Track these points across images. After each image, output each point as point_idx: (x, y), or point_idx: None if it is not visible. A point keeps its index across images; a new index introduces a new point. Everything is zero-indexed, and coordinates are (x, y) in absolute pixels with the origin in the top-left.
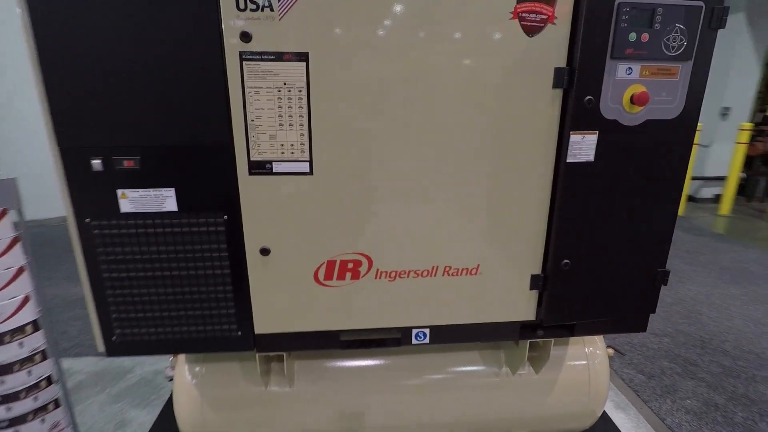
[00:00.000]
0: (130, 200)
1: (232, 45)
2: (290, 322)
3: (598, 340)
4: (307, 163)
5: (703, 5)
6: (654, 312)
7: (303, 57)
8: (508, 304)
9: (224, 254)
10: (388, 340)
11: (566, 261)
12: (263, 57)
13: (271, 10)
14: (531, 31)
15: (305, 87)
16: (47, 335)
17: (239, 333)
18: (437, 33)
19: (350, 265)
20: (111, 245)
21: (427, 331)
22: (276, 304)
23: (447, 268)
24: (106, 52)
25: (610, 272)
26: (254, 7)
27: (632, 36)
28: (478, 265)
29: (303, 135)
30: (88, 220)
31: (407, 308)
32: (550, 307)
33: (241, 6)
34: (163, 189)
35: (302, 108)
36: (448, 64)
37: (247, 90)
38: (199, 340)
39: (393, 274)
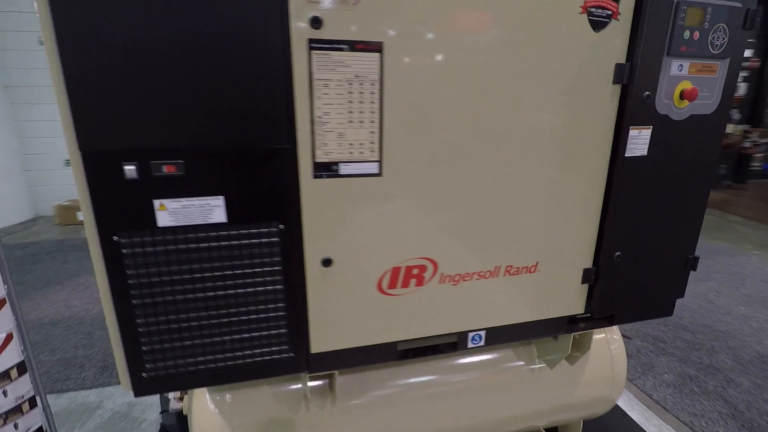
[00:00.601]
0: (170, 212)
1: (300, 32)
2: (349, 338)
3: (615, 327)
4: (377, 164)
5: (742, 6)
6: (683, 297)
7: (377, 47)
8: (561, 299)
9: (277, 268)
10: (442, 346)
11: (618, 253)
12: (335, 46)
13: None
14: (597, 26)
15: (378, 80)
16: (34, 379)
17: (291, 354)
18: (511, 24)
19: (415, 271)
20: (144, 266)
21: (483, 333)
22: (335, 319)
23: (508, 268)
24: (143, 34)
25: (652, 261)
26: None
27: (686, 34)
28: (537, 263)
29: (374, 133)
30: (116, 237)
31: (467, 312)
32: (602, 299)
33: None
34: (210, 197)
35: (374, 103)
36: (519, 56)
37: (315, 83)
38: (244, 366)
39: (457, 278)
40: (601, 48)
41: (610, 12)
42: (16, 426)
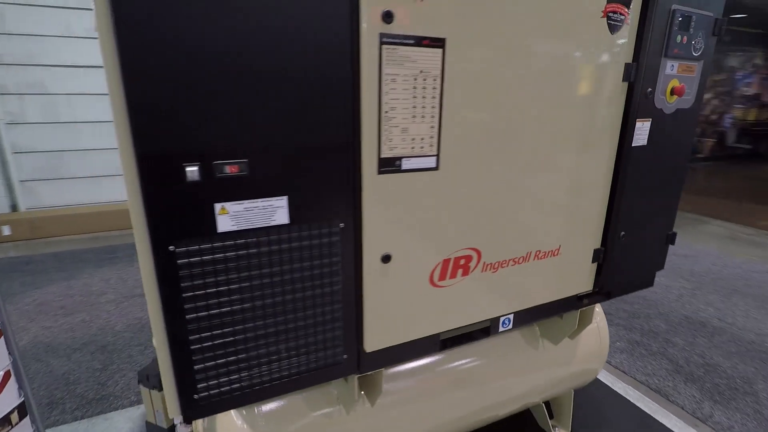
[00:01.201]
0: (231, 215)
1: (372, 25)
2: (400, 334)
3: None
4: (435, 158)
5: (715, 15)
6: (663, 269)
7: (441, 44)
8: (575, 279)
9: (336, 268)
10: (475, 333)
11: (623, 233)
12: (404, 41)
13: None
14: (613, 29)
15: (440, 76)
16: (35, 422)
17: (345, 356)
18: (550, 28)
19: (462, 261)
20: (201, 276)
21: (511, 317)
22: (388, 315)
23: (537, 253)
24: (209, 32)
25: (645, 238)
26: None
27: (678, 38)
28: (560, 246)
29: (433, 127)
30: (172, 248)
31: (500, 298)
32: (609, 276)
33: None
34: (274, 198)
35: (435, 98)
36: (555, 57)
37: (384, 78)
38: (298, 375)
39: (496, 265)
40: (616, 49)
41: (623, 17)
42: None
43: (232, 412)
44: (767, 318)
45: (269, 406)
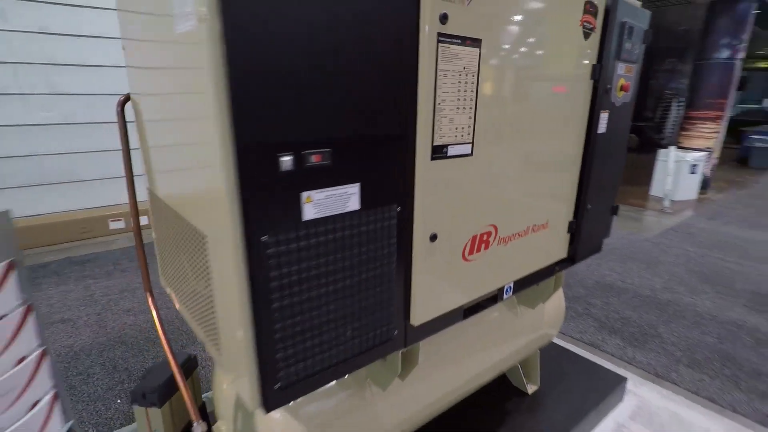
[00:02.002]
0: (315, 204)
1: (431, 26)
2: (439, 307)
3: None
4: (470, 145)
5: (645, 27)
6: (609, 236)
7: (478, 43)
8: (556, 248)
9: (392, 249)
10: (485, 302)
11: (590, 206)
12: (454, 40)
13: None
14: (586, 36)
15: (476, 72)
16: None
17: (395, 332)
18: (550, 38)
19: (485, 237)
20: (287, 265)
21: (512, 284)
22: (431, 290)
23: (533, 227)
24: (301, 30)
25: (601, 209)
26: None
27: (627, 45)
28: (547, 221)
29: (471, 118)
30: (265, 237)
31: (507, 267)
32: (579, 244)
33: None
34: (349, 185)
35: (472, 92)
36: (553, 59)
37: (438, 73)
38: (360, 354)
39: (507, 239)
40: (587, 53)
41: (592, 26)
42: None
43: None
44: (655, 276)
45: (310, 397)
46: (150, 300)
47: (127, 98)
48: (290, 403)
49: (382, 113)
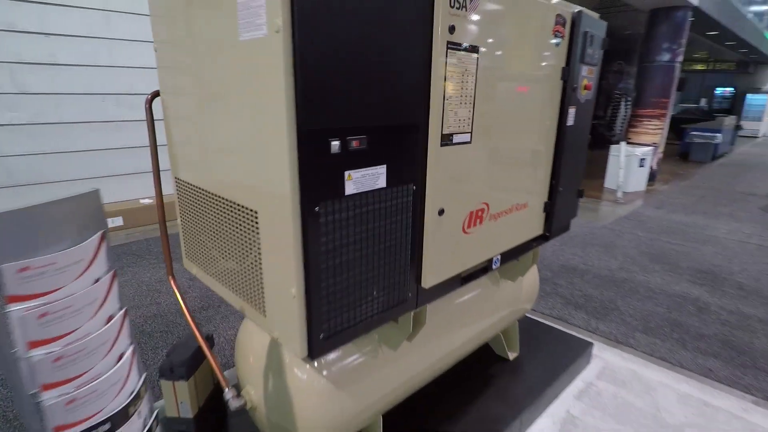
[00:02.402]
0: (354, 181)
1: (442, 35)
2: (444, 272)
3: None
4: (469, 134)
5: (603, 35)
6: (576, 216)
7: (476, 50)
8: (534, 225)
9: (409, 221)
10: (477, 272)
11: (561, 189)
12: (459, 47)
13: (465, 9)
14: (557, 44)
15: (475, 74)
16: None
17: (409, 294)
18: (529, 48)
19: (479, 213)
20: (333, 232)
21: (499, 257)
22: (438, 258)
23: (517, 206)
24: (348, 44)
25: (569, 192)
26: (458, 5)
27: (589, 51)
28: (527, 201)
29: (470, 111)
30: (317, 208)
31: (495, 241)
32: (553, 222)
33: (452, 4)
34: (378, 167)
35: (471, 90)
36: (531, 64)
37: (448, 74)
38: (381, 311)
39: (496, 216)
40: (558, 57)
41: (562, 35)
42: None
43: (296, 365)
44: (612, 258)
45: (330, 356)
46: (173, 283)
47: (155, 95)
48: (315, 363)
49: (403, 108)
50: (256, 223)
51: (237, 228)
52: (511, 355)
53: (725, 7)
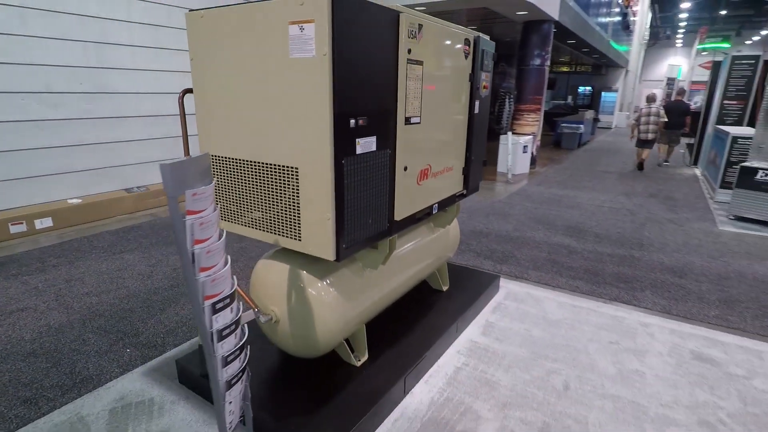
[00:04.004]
0: (360, 145)
1: (402, 55)
2: (407, 210)
3: None
4: (419, 117)
5: (493, 51)
6: (482, 179)
7: (421, 63)
8: (456, 184)
9: (386, 173)
10: (423, 215)
11: (473, 157)
12: (414, 62)
13: (416, 38)
14: (466, 57)
15: (421, 78)
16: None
17: (387, 225)
18: (447, 58)
19: (426, 171)
20: (349, 177)
21: (437, 205)
22: (403, 199)
23: (447, 168)
24: (359, 60)
25: (478, 162)
26: (412, 35)
27: (486, 61)
28: (453, 166)
29: (419, 102)
30: (343, 161)
31: (435, 193)
32: (470, 182)
33: (409, 35)
34: (371, 137)
35: (420, 88)
36: (453, 75)
37: (408, 79)
38: (373, 236)
39: (435, 174)
40: (466, 68)
41: (468, 51)
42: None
43: (312, 289)
44: (507, 223)
45: (331, 277)
46: None
47: (186, 92)
48: (326, 279)
49: (384, 100)
50: (296, 176)
51: (278, 182)
52: (444, 288)
53: (578, 21)
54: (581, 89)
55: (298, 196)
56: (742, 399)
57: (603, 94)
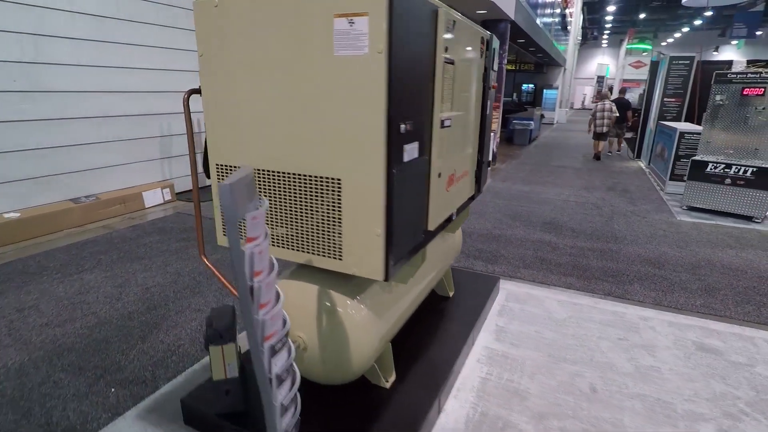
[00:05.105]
0: (406, 152)
1: (441, 53)
2: (437, 219)
3: None
4: (450, 120)
5: (498, 50)
6: (487, 182)
7: (453, 62)
8: (470, 188)
9: (423, 181)
10: (446, 221)
11: (484, 161)
12: (448, 61)
13: (451, 34)
14: (481, 56)
15: (453, 78)
16: None
17: (422, 235)
18: (470, 56)
19: (452, 177)
20: (398, 186)
21: (455, 211)
22: (436, 208)
23: (465, 172)
24: (411, 59)
25: (485, 162)
26: (449, 31)
27: (495, 60)
28: (467, 170)
29: (450, 103)
30: (394, 170)
31: (455, 198)
32: (478, 185)
33: (446, 31)
34: (415, 143)
35: (451, 90)
36: (471, 73)
37: (444, 79)
38: (412, 249)
39: (457, 179)
40: (481, 67)
41: (483, 51)
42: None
43: (340, 310)
44: (486, 222)
45: (362, 296)
46: (206, 261)
47: (192, 93)
48: (356, 297)
49: (425, 102)
50: (338, 188)
51: (314, 195)
52: (450, 293)
53: (529, 20)
54: (525, 87)
55: (339, 211)
56: (753, 387)
57: (545, 91)
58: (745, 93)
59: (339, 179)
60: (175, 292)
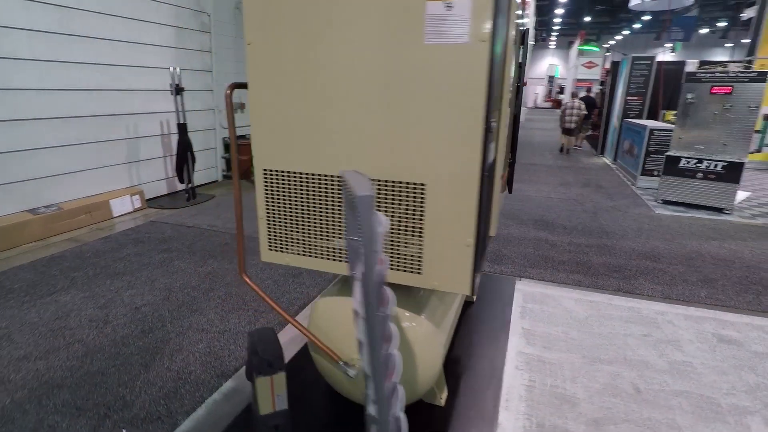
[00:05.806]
0: (491, 152)
1: (510, 43)
2: (495, 225)
3: None
4: (509, 117)
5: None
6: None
7: (521, 65)
8: (502, 189)
9: (492, 184)
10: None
11: (514, 160)
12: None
13: (522, 20)
14: (519, 50)
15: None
16: None
17: (486, 243)
18: (513, 48)
19: (502, 177)
20: (485, 191)
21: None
22: (495, 213)
23: (503, 174)
24: (500, 50)
25: (514, 162)
26: (520, 22)
27: (527, 57)
28: (504, 172)
29: (507, 99)
30: (486, 173)
31: (498, 202)
32: (510, 184)
33: (517, 20)
34: (493, 143)
35: (509, 84)
36: (512, 67)
37: (508, 74)
38: (481, 255)
39: (500, 181)
40: (517, 60)
41: (520, 44)
42: None
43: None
44: None
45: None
46: (248, 280)
47: (235, 87)
48: (422, 314)
49: (499, 98)
50: (422, 194)
51: (390, 203)
52: (474, 297)
53: None
54: None
55: (422, 221)
56: None
57: None
58: (713, 92)
59: (423, 184)
60: (171, 311)
